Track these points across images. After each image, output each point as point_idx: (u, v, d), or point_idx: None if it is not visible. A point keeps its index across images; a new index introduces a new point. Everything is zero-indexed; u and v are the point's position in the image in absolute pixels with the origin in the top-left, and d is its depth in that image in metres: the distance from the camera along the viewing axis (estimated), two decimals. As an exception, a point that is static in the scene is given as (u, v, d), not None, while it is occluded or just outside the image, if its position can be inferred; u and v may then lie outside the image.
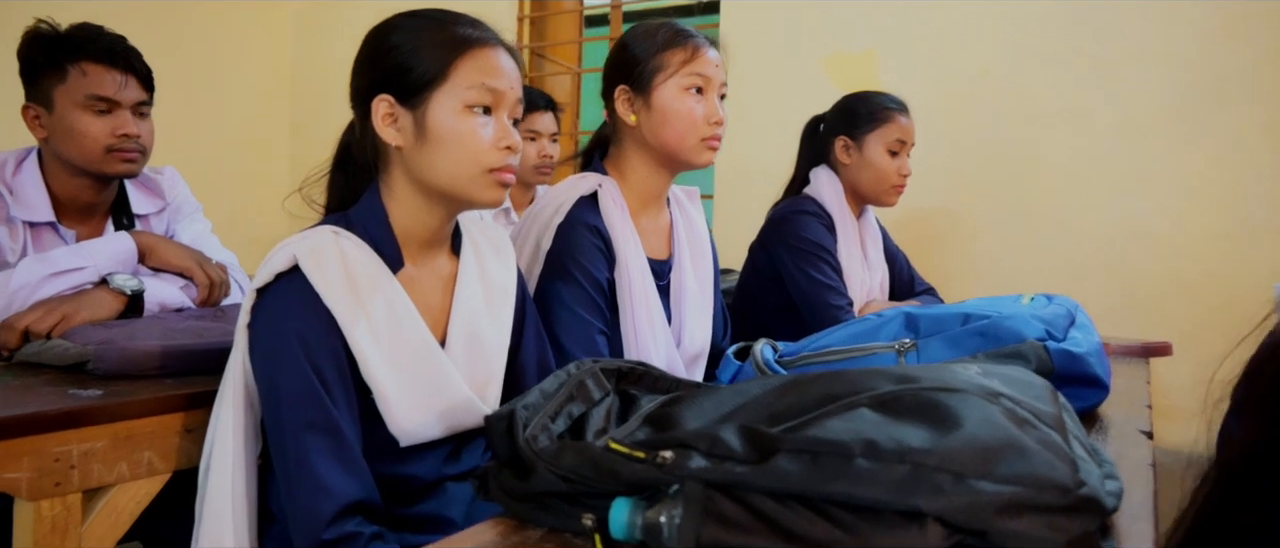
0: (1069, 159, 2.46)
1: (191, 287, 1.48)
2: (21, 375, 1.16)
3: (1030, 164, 2.50)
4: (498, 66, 1.06)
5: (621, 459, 0.68)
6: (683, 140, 1.41)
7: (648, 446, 0.69)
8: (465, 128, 1.04)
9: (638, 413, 0.91)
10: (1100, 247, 2.42)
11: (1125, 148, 2.39)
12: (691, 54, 1.41)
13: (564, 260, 1.35)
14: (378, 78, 1.05)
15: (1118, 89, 2.39)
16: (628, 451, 0.69)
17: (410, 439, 1.05)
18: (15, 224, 1.47)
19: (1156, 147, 2.36)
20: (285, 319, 0.96)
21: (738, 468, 0.62)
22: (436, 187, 1.05)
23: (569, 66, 3.86)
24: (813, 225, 1.79)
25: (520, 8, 3.68)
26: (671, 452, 0.67)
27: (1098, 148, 2.42)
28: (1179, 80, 2.32)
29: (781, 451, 0.62)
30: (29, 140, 1.55)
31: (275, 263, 0.99)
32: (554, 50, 3.84)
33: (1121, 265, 2.40)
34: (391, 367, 1.03)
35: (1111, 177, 2.41)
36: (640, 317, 1.40)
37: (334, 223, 1.07)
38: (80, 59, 1.46)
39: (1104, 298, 2.39)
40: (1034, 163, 2.50)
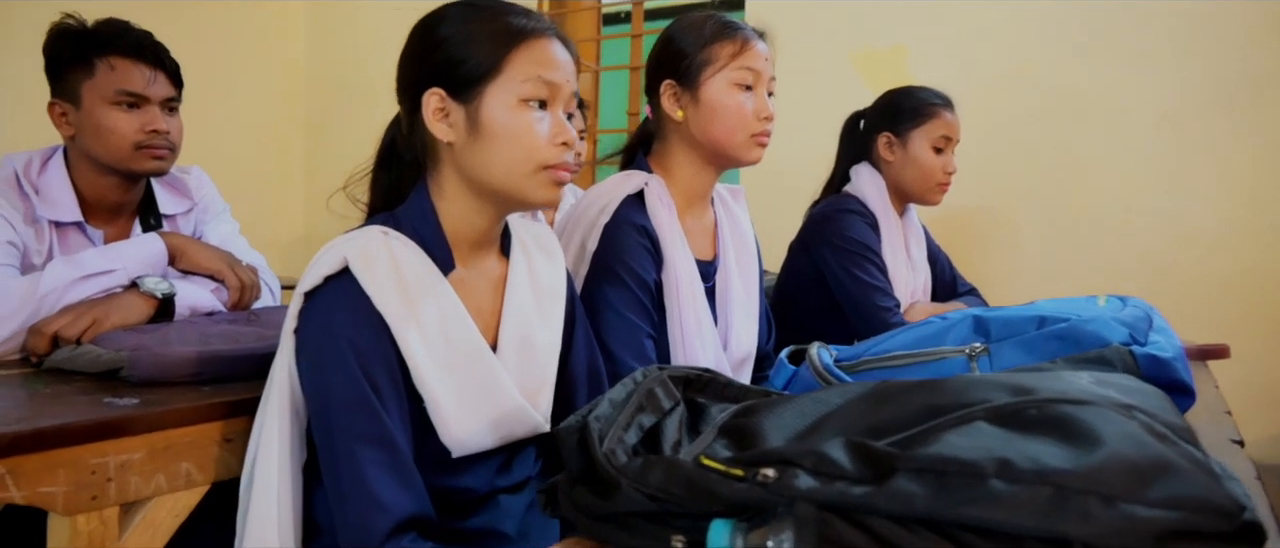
0: (1108, 156, 2.40)
1: (222, 289, 1.44)
2: (52, 383, 1.12)
3: (1068, 162, 2.44)
4: (553, 58, 1.01)
5: (717, 477, 0.63)
6: (732, 137, 1.36)
7: (743, 462, 0.64)
8: (520, 123, 0.99)
9: (710, 424, 0.86)
10: (1142, 246, 2.36)
11: (1167, 144, 2.33)
12: (741, 47, 1.36)
13: (611, 262, 1.30)
14: (428, 71, 1.00)
15: (1159, 83, 2.33)
16: (723, 468, 0.63)
17: (463, 450, 1.00)
18: (41, 225, 1.43)
19: (1199, 142, 2.30)
20: (336, 325, 0.91)
21: (854, 489, 0.57)
22: (489, 185, 1.00)
23: (588, 65, 3.81)
24: (857, 224, 1.73)
25: (537, 5, 3.63)
26: (773, 469, 0.62)
27: (1138, 144, 2.36)
28: (1222, 73, 2.26)
29: (901, 470, 0.57)
30: (49, 140, 1.51)
31: (324, 265, 0.94)
32: (573, 48, 3.79)
33: (1164, 265, 2.34)
34: (444, 373, 0.98)
35: (1153, 173, 2.35)
36: (688, 320, 1.35)
37: (381, 223, 1.02)
38: (108, 53, 1.42)
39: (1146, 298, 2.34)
40: (1072, 160, 2.44)
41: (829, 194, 1.90)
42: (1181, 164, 2.32)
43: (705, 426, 0.87)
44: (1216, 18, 2.26)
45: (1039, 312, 1.12)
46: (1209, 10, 2.26)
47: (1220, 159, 2.28)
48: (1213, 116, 2.28)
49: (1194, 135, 2.30)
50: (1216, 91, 2.27)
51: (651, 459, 0.68)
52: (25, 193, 1.43)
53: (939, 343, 1.16)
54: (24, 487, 0.90)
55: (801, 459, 0.62)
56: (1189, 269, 2.33)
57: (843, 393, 0.85)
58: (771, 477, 0.61)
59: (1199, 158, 2.30)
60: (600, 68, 3.83)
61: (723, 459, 0.65)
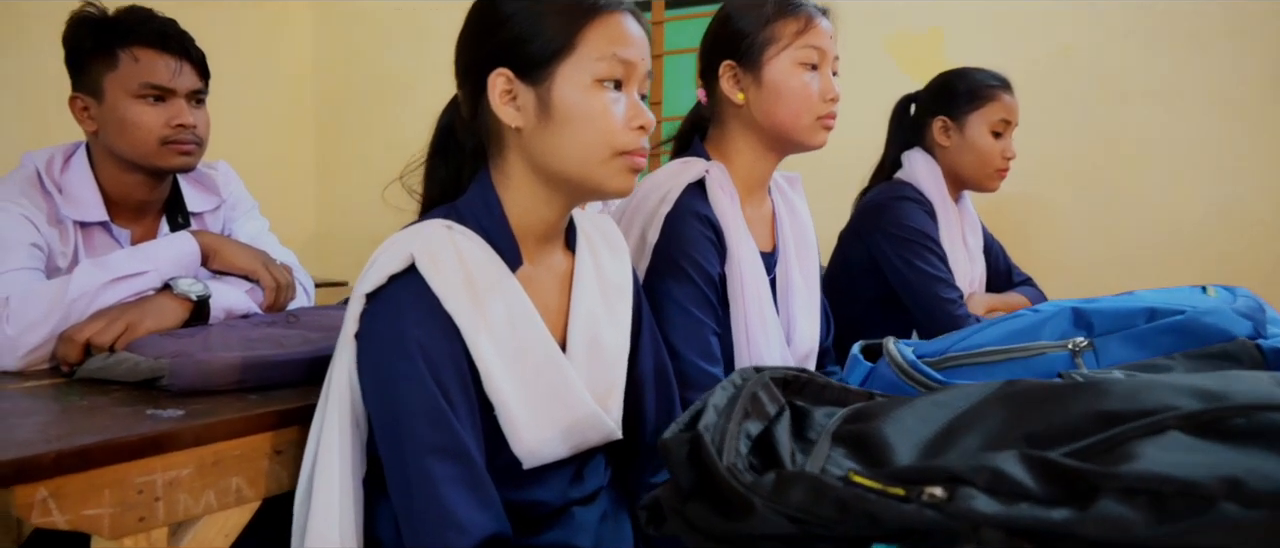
0: (1158, 141, 2.32)
1: (257, 290, 1.36)
2: (87, 394, 1.04)
3: (1116, 147, 2.37)
4: (628, 34, 0.93)
5: (875, 497, 0.55)
6: (797, 120, 1.28)
7: (900, 479, 0.56)
8: (595, 105, 0.91)
9: (819, 431, 0.79)
10: (1193, 232, 2.28)
11: (1219, 127, 2.25)
12: (805, 24, 1.28)
13: (674, 254, 1.22)
14: (493, 50, 0.92)
15: (1211, 65, 2.25)
16: (880, 486, 0.56)
17: (535, 460, 0.92)
18: (65, 225, 1.35)
19: (1252, 125, 2.22)
20: (403, 328, 0.84)
21: (1050, 512, 0.49)
22: (561, 172, 0.93)
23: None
24: (914, 212, 1.65)
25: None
26: (940, 488, 0.54)
27: (1189, 128, 2.28)
28: (1277, 53, 2.18)
29: (1105, 490, 0.49)
30: (62, 137, 1.43)
31: (388, 263, 0.86)
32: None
33: (1217, 252, 2.27)
34: (515, 379, 0.90)
35: (1204, 158, 2.27)
36: (752, 315, 1.28)
37: (442, 216, 0.94)
38: (131, 44, 1.34)
39: (1199, 286, 2.26)
40: (1120, 146, 2.36)
41: (878, 181, 1.82)
42: (1233, 149, 2.24)
43: (813, 432, 0.79)
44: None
45: (1145, 303, 1.04)
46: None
47: (1274, 143, 2.20)
48: (1267, 99, 2.20)
49: (1247, 118, 2.22)
50: (1271, 72, 2.19)
51: (787, 476, 0.60)
52: (48, 192, 1.35)
53: (1035, 337, 1.08)
54: (68, 510, 0.82)
55: (973, 476, 0.54)
56: (1240, 257, 2.26)
57: (965, 395, 0.77)
58: (941, 497, 0.53)
59: (1251, 142, 2.22)
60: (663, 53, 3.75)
61: (872, 476, 0.57)
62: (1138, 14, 2.34)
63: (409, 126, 4.09)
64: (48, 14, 1.39)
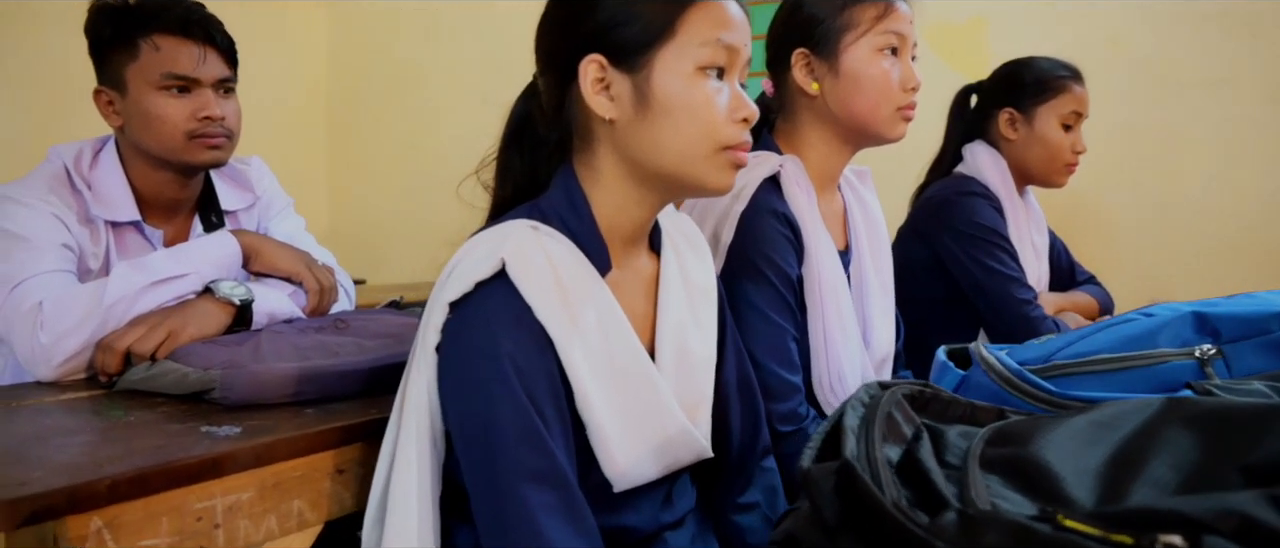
0: (1213, 134, 2.24)
1: (300, 293, 1.28)
2: (133, 408, 0.97)
3: (1168, 141, 2.29)
4: (731, 18, 0.85)
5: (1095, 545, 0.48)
6: (876, 110, 1.20)
7: (1121, 523, 0.49)
8: (698, 95, 0.83)
9: (960, 455, 0.71)
10: (1250, 229, 2.21)
11: (1275, 119, 2.18)
12: (885, 9, 1.20)
13: (752, 255, 1.14)
14: (585, 35, 0.84)
15: (1266, 54, 2.17)
16: (1100, 532, 0.48)
17: (626, 483, 0.85)
18: (96, 225, 1.27)
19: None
20: (495, 340, 0.76)
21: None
22: (658, 168, 0.85)
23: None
24: (983, 208, 1.57)
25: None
26: (1179, 537, 0.46)
27: (1245, 120, 2.20)
28: (1338, 42, 2.11)
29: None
30: (79, 133, 1.35)
31: (474, 269, 0.78)
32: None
33: (1271, 247, 2.19)
34: (608, 394, 0.82)
35: (1262, 152, 2.19)
36: (831, 318, 1.20)
37: (524, 215, 0.86)
38: (152, 32, 1.25)
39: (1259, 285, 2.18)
40: (1172, 139, 2.28)
41: (937, 176, 1.74)
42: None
43: (952, 456, 0.72)
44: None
45: (1275, 307, 0.97)
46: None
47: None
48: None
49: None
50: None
51: (977, 517, 0.53)
52: (77, 189, 1.27)
53: (1152, 344, 1.00)
54: (123, 541, 0.75)
55: (1217, 522, 0.46)
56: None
57: (1124, 416, 0.70)
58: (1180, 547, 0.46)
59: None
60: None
61: (1088, 519, 0.50)
62: (1191, 2, 2.26)
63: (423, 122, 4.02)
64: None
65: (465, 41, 3.75)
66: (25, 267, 1.14)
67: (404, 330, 1.15)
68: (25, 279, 1.12)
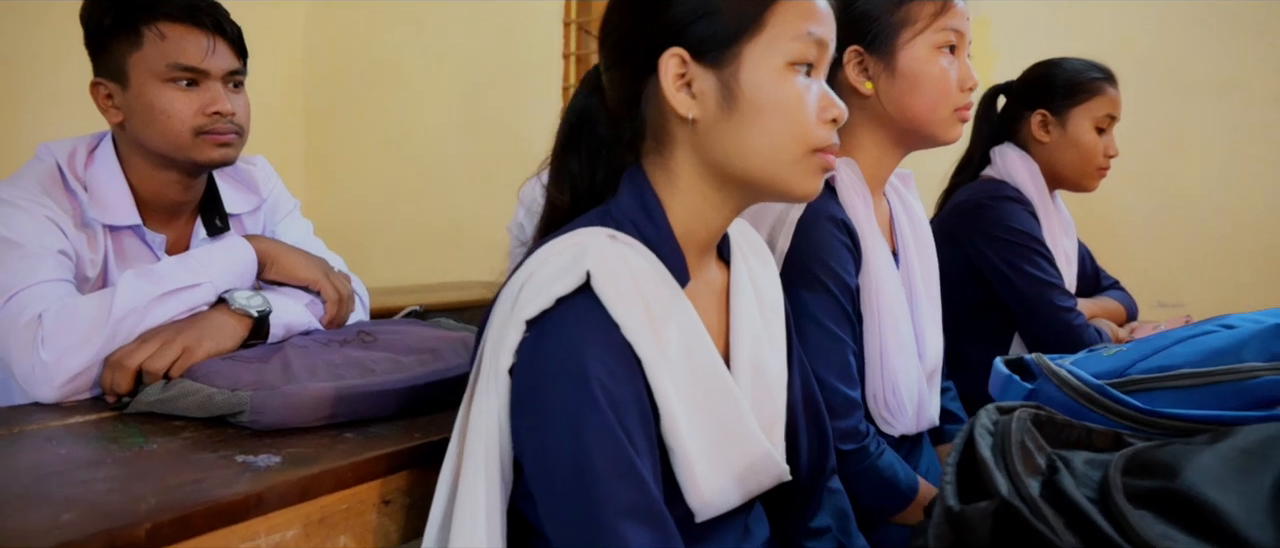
0: (1223, 136, 2.23)
1: (317, 303, 1.19)
2: (152, 434, 0.87)
3: (1177, 143, 2.27)
4: (820, 11, 0.79)
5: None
6: (934, 111, 1.14)
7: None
8: (789, 92, 0.77)
9: (1103, 488, 0.65)
10: (1259, 231, 2.20)
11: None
12: (943, 5, 1.14)
13: (811, 264, 1.08)
14: (667, 27, 0.77)
15: (1278, 57, 2.16)
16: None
17: (709, 512, 0.78)
18: (93, 229, 1.17)
19: (1322, 120, 2.14)
20: (581, 361, 0.68)
21: None
22: (742, 172, 0.78)
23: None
24: (1018, 213, 1.53)
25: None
26: None
27: (1256, 123, 2.19)
28: (1347, 46, 2.11)
29: None
30: (75, 129, 1.25)
31: (555, 282, 0.70)
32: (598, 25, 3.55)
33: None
34: (694, 417, 0.76)
35: (1270, 155, 2.19)
36: (888, 329, 1.14)
37: (596, 222, 0.79)
38: (158, 19, 1.15)
39: (1267, 288, 2.18)
40: (1182, 142, 2.27)
41: (964, 179, 1.70)
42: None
43: (1087, 488, 0.66)
44: (1341, -16, 2.10)
45: (1368, 318, 0.93)
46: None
47: (1345, 137, 2.12)
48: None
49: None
50: (1343, 64, 2.11)
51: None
52: (71, 190, 1.17)
53: (1237, 358, 0.96)
54: (165, 592, 0.66)
55: None
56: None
57: (1273, 441, 0.65)
58: None
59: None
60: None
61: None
62: (1200, 3, 2.25)
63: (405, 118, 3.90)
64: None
65: (446, 36, 3.65)
66: (20, 276, 1.04)
67: (439, 345, 1.07)
68: (20, 289, 1.02)
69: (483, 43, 3.59)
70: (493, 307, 0.79)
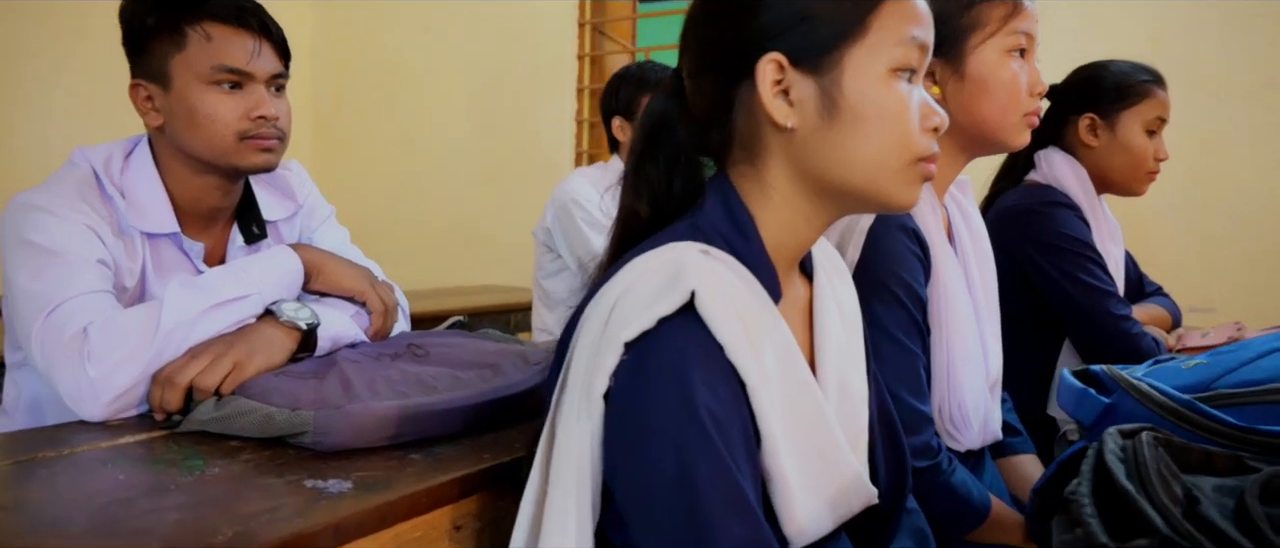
0: (1255, 139, 2.21)
1: (363, 314, 1.15)
2: (211, 456, 0.83)
3: (1208, 146, 2.25)
4: (921, 13, 0.76)
5: None
6: (1004, 117, 1.11)
7: None
8: (893, 100, 0.73)
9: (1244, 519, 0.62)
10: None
11: (1318, 124, 2.15)
12: (1013, 8, 1.11)
13: (882, 275, 1.04)
14: (764, 31, 0.73)
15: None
16: None
17: (803, 539, 0.74)
18: (130, 237, 1.13)
19: (1357, 122, 2.12)
20: (688, 386, 0.64)
21: None
22: (844, 183, 0.74)
23: (624, 45, 3.54)
24: (1070, 219, 1.50)
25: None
26: None
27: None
28: (1382, 48, 2.09)
29: None
30: (73, 130, 1.20)
31: (656, 300, 0.66)
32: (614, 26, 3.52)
33: (1319, 256, 2.17)
34: (793, 441, 0.72)
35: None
36: (956, 342, 1.11)
37: (686, 235, 0.75)
38: (203, 19, 1.11)
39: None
40: (1213, 144, 2.25)
41: (1007, 184, 1.67)
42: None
43: (1223, 517, 0.62)
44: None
45: None
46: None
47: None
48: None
49: (1351, 115, 2.12)
50: (1378, 66, 2.09)
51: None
52: (108, 196, 1.12)
53: (1335, 372, 0.93)
54: (248, 632, 0.62)
55: None
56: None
57: None
58: None
59: (1355, 139, 2.13)
60: (636, 48, 3.56)
61: None
62: (1232, 3, 2.22)
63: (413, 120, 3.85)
64: None
65: (456, 37, 3.60)
66: (60, 287, 0.99)
67: (498, 359, 1.03)
68: (62, 302, 0.98)
69: (493, 44, 3.54)
70: (575, 325, 0.75)
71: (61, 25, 2.56)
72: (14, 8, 2.51)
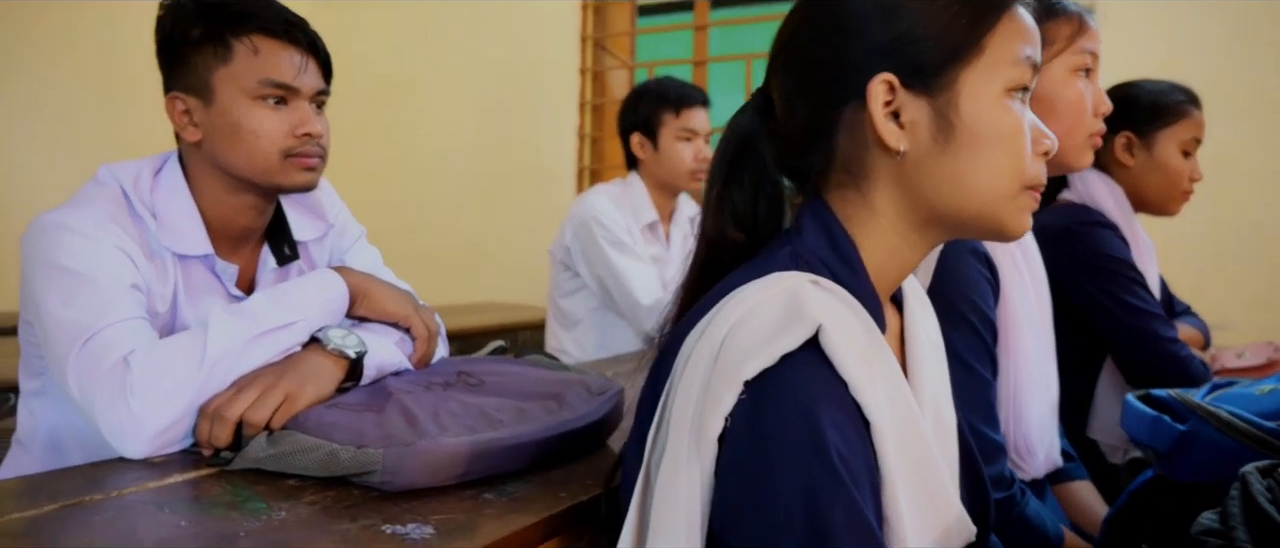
0: (1267, 157, 2.21)
1: (407, 340, 1.10)
2: (271, 497, 0.78)
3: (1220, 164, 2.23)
4: (1033, 31, 0.73)
5: None
6: (1070, 137, 1.09)
7: None
8: (1010, 123, 0.70)
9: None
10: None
11: (1330, 144, 2.17)
12: (1078, 27, 1.09)
13: (954, 300, 1.01)
14: (874, 49, 0.70)
15: (1324, 78, 2.16)
16: None
17: (913, 584, 0.70)
18: (162, 259, 1.07)
19: (1368, 142, 2.14)
20: (818, 427, 0.60)
21: None
22: (958, 209, 0.71)
23: (624, 61, 3.52)
24: (1110, 239, 1.48)
25: None
26: None
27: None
28: (1394, 68, 2.10)
29: None
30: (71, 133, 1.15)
31: (778, 336, 0.62)
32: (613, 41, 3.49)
33: (1330, 274, 2.18)
34: (907, 482, 0.68)
35: (1317, 176, 2.18)
36: (1023, 368, 1.09)
37: (789, 263, 0.71)
38: (251, 32, 1.06)
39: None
40: (1225, 163, 2.24)
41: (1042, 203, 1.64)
42: (1347, 166, 2.16)
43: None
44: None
45: None
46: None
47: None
48: (1382, 114, 2.12)
49: (1362, 134, 2.14)
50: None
51: None
52: (138, 217, 1.07)
53: None
54: None
55: None
56: (1351, 279, 2.17)
57: None
58: None
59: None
60: (636, 64, 3.53)
61: None
62: (1242, 23, 2.23)
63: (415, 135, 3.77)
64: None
65: (457, 51, 3.56)
66: (96, 314, 0.94)
67: (561, 389, 0.98)
68: (99, 330, 0.92)
69: (495, 58, 3.50)
70: (670, 360, 0.71)
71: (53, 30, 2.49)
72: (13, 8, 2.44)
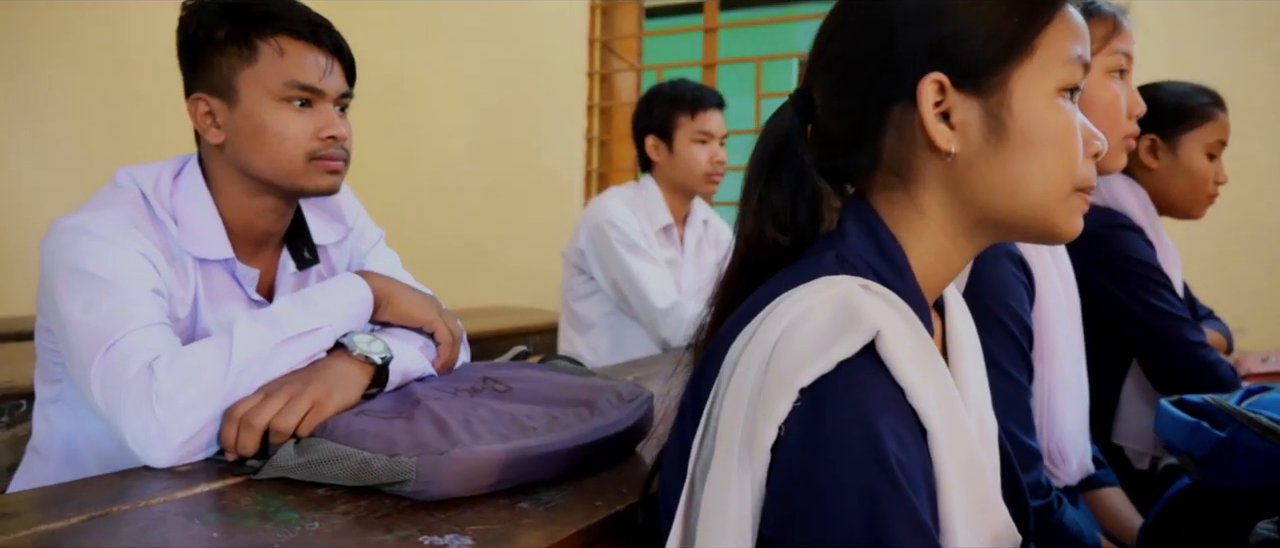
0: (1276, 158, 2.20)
1: (430, 346, 1.08)
2: (303, 507, 0.76)
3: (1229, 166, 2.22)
4: (1084, 30, 0.71)
5: None
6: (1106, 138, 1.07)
7: None
8: (1063, 123, 0.68)
9: None
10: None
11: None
12: (1113, 28, 1.08)
13: (990, 304, 0.99)
14: (924, 48, 0.68)
15: (1342, 81, 2.15)
16: None
17: (963, 595, 0.69)
18: (182, 264, 1.05)
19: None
20: (876, 435, 0.59)
21: None
22: (1010, 211, 0.69)
23: (631, 62, 3.50)
24: (1136, 243, 1.46)
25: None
26: None
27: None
28: None
29: None
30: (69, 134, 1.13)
31: (833, 342, 0.60)
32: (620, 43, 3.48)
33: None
34: (961, 490, 0.66)
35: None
36: (1058, 374, 1.07)
37: (836, 266, 0.70)
38: (278, 33, 1.05)
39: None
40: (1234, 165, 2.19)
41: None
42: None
43: None
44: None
45: None
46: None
47: None
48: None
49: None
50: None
51: None
52: (158, 220, 1.05)
53: None
54: None
55: None
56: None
57: None
58: None
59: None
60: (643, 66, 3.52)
61: None
62: (1255, 24, 2.22)
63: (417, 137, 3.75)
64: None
65: (461, 53, 3.54)
66: (118, 320, 0.92)
67: (592, 396, 0.96)
68: (121, 336, 0.90)
69: (500, 61, 3.49)
70: (714, 365, 0.69)
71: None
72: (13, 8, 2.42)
